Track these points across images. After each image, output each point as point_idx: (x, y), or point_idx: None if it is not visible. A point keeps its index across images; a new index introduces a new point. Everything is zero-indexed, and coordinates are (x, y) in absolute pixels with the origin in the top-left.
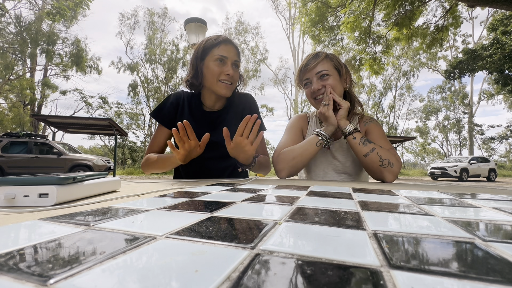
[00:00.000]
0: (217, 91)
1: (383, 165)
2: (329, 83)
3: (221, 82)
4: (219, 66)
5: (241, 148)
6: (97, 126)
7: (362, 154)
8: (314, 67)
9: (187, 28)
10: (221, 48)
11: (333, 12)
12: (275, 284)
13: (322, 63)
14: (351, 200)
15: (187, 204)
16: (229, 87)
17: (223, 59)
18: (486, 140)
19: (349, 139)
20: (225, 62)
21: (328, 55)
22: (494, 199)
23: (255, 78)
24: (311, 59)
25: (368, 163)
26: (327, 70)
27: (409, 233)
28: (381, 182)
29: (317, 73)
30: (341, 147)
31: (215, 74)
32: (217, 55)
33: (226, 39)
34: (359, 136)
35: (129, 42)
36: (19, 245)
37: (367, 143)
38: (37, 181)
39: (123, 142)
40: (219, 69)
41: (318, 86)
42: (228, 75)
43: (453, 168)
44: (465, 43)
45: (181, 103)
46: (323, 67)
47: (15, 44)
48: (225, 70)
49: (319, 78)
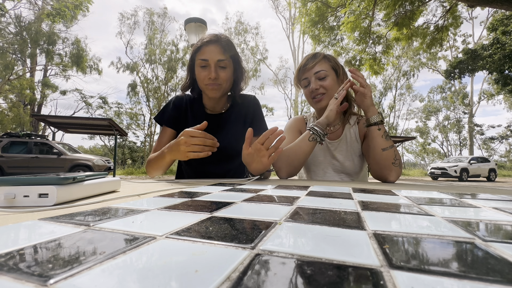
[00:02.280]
0: (207, 94)
1: (395, 163)
2: (326, 84)
3: (207, 86)
4: (203, 71)
5: (257, 157)
6: (97, 126)
7: (380, 147)
8: (312, 67)
9: (187, 28)
10: (202, 52)
11: (333, 12)
12: (275, 284)
13: (320, 63)
14: (351, 200)
15: (187, 204)
16: (216, 88)
17: (206, 63)
18: (486, 140)
19: (373, 129)
20: (207, 65)
21: (326, 55)
22: (494, 199)
23: (255, 78)
24: (310, 59)
25: (383, 158)
26: (325, 70)
27: (409, 233)
28: (381, 182)
29: (315, 73)
30: (341, 147)
31: (201, 80)
32: (199, 60)
33: (207, 40)
34: (383, 129)
35: (129, 42)
36: (19, 245)
37: (389, 138)
38: (37, 181)
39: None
40: (203, 74)
41: (316, 86)
42: (210, 79)
43: (453, 168)
44: (465, 43)
45: (183, 106)
46: (321, 67)
47: (15, 44)
48: (207, 75)
49: (317, 78)
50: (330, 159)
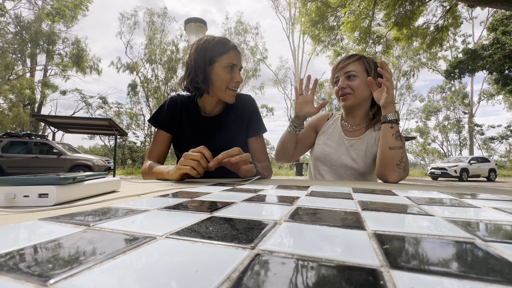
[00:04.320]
0: (224, 98)
1: (399, 165)
2: (354, 84)
3: (230, 89)
4: (229, 73)
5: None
6: (97, 126)
7: (388, 146)
8: (344, 66)
9: (187, 28)
10: (231, 55)
11: (333, 12)
12: (275, 284)
13: (352, 64)
14: (351, 200)
15: (187, 204)
16: (235, 94)
17: (233, 67)
18: (486, 140)
19: (386, 126)
20: (234, 70)
21: (362, 57)
22: (494, 199)
23: (255, 77)
24: (344, 60)
25: (388, 157)
26: (355, 71)
27: (409, 233)
28: (382, 182)
29: (346, 73)
30: (357, 145)
31: (225, 81)
32: (228, 63)
33: (235, 46)
34: (396, 128)
35: (129, 42)
36: (19, 245)
37: (399, 139)
38: (37, 181)
39: (123, 142)
40: (229, 76)
41: (343, 85)
42: (237, 83)
43: (453, 168)
44: (465, 43)
45: (178, 108)
46: (352, 67)
47: (15, 44)
48: (235, 77)
49: (346, 78)
50: (341, 154)
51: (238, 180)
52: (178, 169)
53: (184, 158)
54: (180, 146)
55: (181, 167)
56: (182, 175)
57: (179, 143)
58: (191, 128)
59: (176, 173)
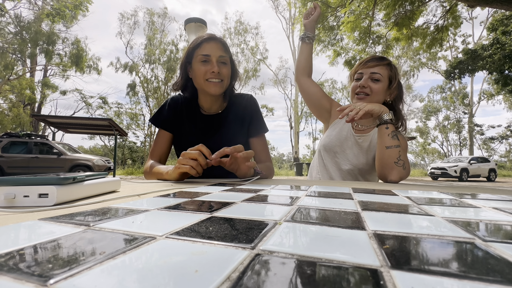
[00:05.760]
0: (208, 90)
1: (397, 163)
2: (375, 87)
3: (209, 81)
4: (204, 66)
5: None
6: (97, 126)
7: (385, 145)
8: (372, 66)
9: (187, 28)
10: (203, 47)
11: (333, 12)
12: (275, 284)
13: (381, 67)
14: (351, 200)
15: (187, 204)
16: (218, 84)
17: (207, 58)
18: (486, 140)
19: (382, 127)
20: (209, 60)
21: (390, 63)
22: (494, 199)
23: (255, 77)
24: (374, 59)
25: (385, 156)
26: (381, 75)
27: (409, 233)
28: (382, 183)
29: (371, 73)
30: (362, 142)
31: (201, 74)
32: (200, 55)
33: (208, 37)
34: (392, 128)
35: (129, 42)
36: (19, 245)
37: (395, 138)
38: (37, 181)
39: (123, 142)
40: (204, 68)
41: (365, 84)
42: (213, 73)
43: (453, 168)
44: (465, 43)
45: (179, 107)
46: (379, 70)
47: (15, 44)
48: (209, 68)
49: (370, 78)
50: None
51: (238, 180)
52: (177, 169)
53: (183, 157)
54: (181, 145)
55: (180, 166)
56: (181, 174)
57: (180, 142)
58: (191, 127)
59: (175, 173)
